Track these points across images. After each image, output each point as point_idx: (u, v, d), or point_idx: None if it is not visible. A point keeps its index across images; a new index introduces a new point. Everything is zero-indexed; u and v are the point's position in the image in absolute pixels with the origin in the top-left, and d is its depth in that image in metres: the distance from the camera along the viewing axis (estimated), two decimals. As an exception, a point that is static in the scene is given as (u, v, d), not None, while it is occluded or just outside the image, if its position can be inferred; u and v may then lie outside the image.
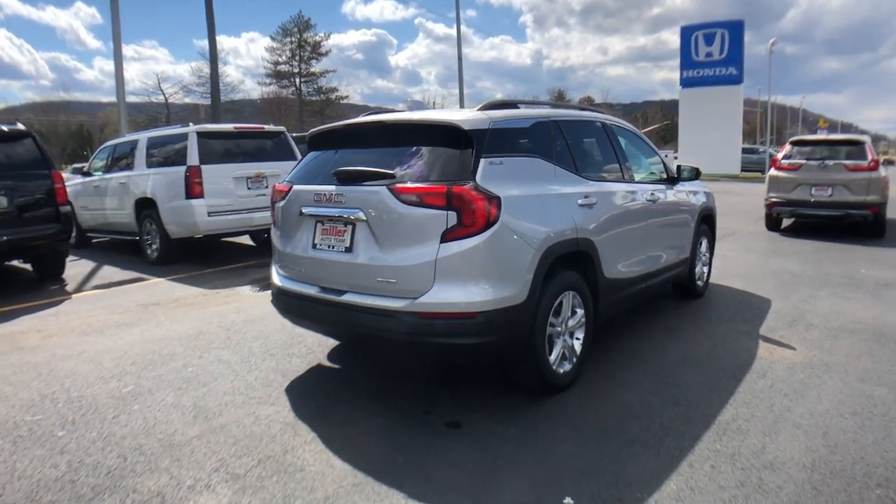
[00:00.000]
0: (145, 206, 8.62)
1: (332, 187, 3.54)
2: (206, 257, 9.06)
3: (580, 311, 3.82)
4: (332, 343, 4.65)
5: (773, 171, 10.30)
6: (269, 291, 4.12)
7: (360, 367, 4.32)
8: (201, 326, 5.34)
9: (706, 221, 6.03)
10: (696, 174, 5.50)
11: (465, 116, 3.46)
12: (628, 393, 3.71)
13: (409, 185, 3.25)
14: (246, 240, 10.39)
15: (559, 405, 3.54)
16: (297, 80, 64.36)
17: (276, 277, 4.00)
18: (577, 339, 3.84)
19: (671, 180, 5.33)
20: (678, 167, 5.44)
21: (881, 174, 9.44)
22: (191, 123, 8.89)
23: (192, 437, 3.24)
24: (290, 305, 3.87)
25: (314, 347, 4.61)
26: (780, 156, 10.47)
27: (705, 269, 6.15)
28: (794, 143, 10.60)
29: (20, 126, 7.38)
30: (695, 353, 4.40)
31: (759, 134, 56.07)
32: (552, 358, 3.59)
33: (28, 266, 8.03)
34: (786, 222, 10.89)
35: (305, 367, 4.25)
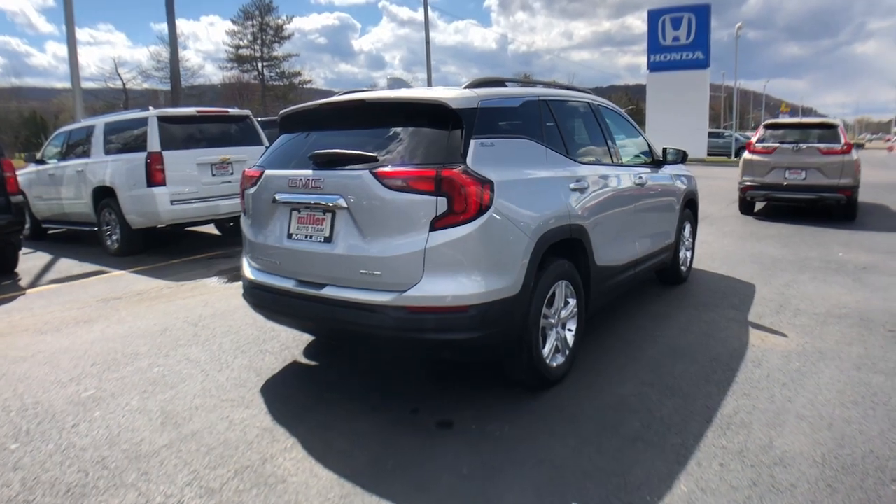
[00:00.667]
0: (104, 195, 8.19)
1: (309, 172, 3.27)
2: (169, 248, 8.68)
3: (572, 302, 3.64)
4: (307, 338, 4.39)
5: (746, 155, 10.29)
6: (238, 283, 3.84)
7: (340, 364, 4.08)
8: (166, 322, 5.02)
9: (689, 206, 5.91)
10: (682, 157, 5.35)
11: (451, 94, 3.21)
12: (623, 385, 3.56)
13: (394, 168, 3.01)
14: (211, 229, 10.00)
15: (553, 400, 3.37)
16: (260, 64, 62.87)
17: (248, 270, 3.72)
18: (570, 330, 3.66)
19: (657, 163, 5.18)
20: (664, 150, 5.29)
21: (853, 157, 9.49)
22: (150, 108, 8.47)
23: (161, 446, 2.97)
24: (264, 300, 3.60)
25: (289, 343, 4.35)
26: (754, 139, 10.47)
27: (689, 255, 6.06)
28: (768, 127, 10.61)
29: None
30: (685, 342, 4.27)
31: (723, 118, 56.91)
32: (546, 351, 3.41)
33: (-23, 260, 7.54)
34: (758, 205, 10.93)
35: (281, 365, 3.99)
